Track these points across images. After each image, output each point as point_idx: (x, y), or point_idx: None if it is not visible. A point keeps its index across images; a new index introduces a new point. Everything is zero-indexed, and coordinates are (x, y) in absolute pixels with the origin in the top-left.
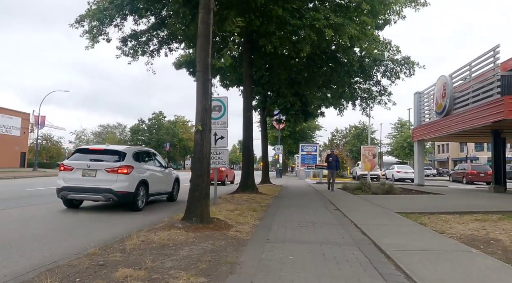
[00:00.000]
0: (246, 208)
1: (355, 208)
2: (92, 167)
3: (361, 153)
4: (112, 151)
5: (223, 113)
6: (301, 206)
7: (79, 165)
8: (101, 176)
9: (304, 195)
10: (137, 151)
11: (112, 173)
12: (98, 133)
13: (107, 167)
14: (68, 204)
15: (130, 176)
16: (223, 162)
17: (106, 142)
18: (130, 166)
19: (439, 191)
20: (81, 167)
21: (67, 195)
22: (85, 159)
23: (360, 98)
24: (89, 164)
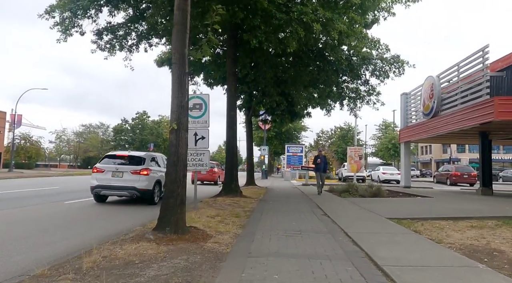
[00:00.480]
0: (229, 214)
1: (343, 213)
2: (119, 169)
3: (348, 154)
4: (134, 156)
5: (204, 112)
6: (287, 211)
7: (109, 167)
8: (127, 177)
9: (290, 197)
10: (153, 156)
11: (135, 174)
12: (80, 133)
13: (131, 169)
14: (99, 199)
15: (149, 176)
16: (204, 164)
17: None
18: (149, 168)
19: (426, 194)
20: (110, 169)
21: (100, 191)
22: (113, 163)
23: (348, 98)
24: (117, 167)
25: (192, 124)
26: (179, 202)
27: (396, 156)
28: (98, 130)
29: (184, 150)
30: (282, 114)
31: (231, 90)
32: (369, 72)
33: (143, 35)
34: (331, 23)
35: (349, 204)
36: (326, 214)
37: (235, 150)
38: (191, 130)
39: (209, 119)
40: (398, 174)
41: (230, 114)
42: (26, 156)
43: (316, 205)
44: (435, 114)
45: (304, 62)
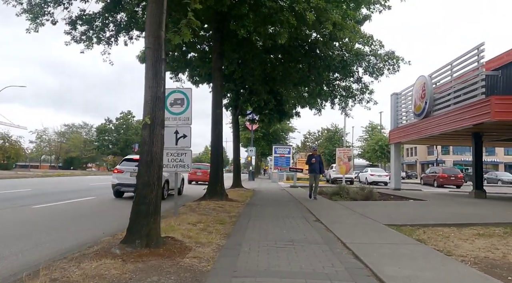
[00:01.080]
0: (212, 220)
1: (337, 218)
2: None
3: (336, 155)
4: None
5: (186, 108)
6: (276, 216)
7: (127, 169)
8: None
9: (278, 201)
10: None
11: None
12: (62, 133)
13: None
14: (118, 195)
15: (164, 176)
16: (185, 165)
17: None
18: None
19: (419, 196)
20: (129, 170)
21: (120, 188)
22: (131, 165)
23: (339, 96)
24: (134, 168)
25: (172, 121)
26: (152, 210)
27: (383, 158)
28: (81, 131)
29: (159, 149)
30: (270, 113)
31: (217, 87)
32: (363, 68)
33: (122, 26)
34: (324, 14)
35: (342, 208)
36: (318, 220)
37: (221, 150)
38: (172, 128)
39: (192, 116)
40: (386, 175)
41: (216, 112)
42: (5, 156)
43: (307, 209)
44: (427, 115)
45: (294, 59)
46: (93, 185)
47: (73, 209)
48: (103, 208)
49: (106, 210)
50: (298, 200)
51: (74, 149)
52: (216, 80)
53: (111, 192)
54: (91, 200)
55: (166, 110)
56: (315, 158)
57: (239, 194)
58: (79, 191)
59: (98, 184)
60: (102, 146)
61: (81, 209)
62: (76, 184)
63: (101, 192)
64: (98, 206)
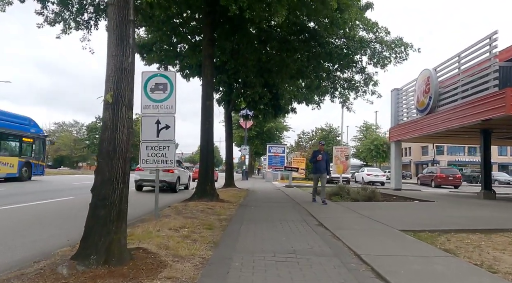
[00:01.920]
0: (199, 224)
1: (343, 223)
2: None
3: (333, 154)
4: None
5: (169, 94)
6: (273, 220)
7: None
8: (161, 174)
9: (274, 202)
10: (177, 159)
11: (165, 171)
12: (53, 132)
13: (163, 168)
14: (139, 188)
15: (174, 173)
16: (168, 161)
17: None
18: (174, 168)
19: (422, 197)
20: (148, 169)
21: (142, 183)
22: None
23: (341, 88)
24: None
25: (153, 110)
26: (114, 215)
27: (378, 157)
28: (72, 129)
29: (125, 136)
30: (265, 109)
31: (207, 76)
32: (367, 57)
33: (101, 7)
34: None
35: (345, 210)
36: (321, 224)
37: (211, 145)
38: (152, 117)
39: (176, 104)
40: (382, 175)
41: (206, 105)
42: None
43: (307, 211)
44: (431, 111)
45: (292, 48)
46: (76, 185)
47: (45, 210)
48: (78, 209)
49: (81, 211)
50: (295, 201)
51: (64, 147)
52: (207, 69)
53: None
54: (69, 200)
55: (146, 97)
56: (322, 154)
57: (232, 194)
58: (59, 190)
59: (81, 183)
60: (92, 144)
61: (54, 211)
62: (58, 183)
63: (81, 192)
64: (73, 207)
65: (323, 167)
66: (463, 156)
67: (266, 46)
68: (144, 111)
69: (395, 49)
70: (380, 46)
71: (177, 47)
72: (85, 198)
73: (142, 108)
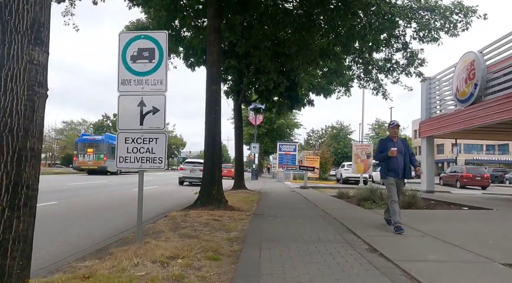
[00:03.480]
0: (200, 249)
1: (404, 246)
2: (194, 168)
3: (353, 152)
4: (199, 162)
5: (157, 65)
6: (302, 239)
7: (188, 167)
8: (197, 172)
9: (294, 208)
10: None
11: (200, 171)
12: (61, 130)
13: (199, 168)
14: (181, 184)
15: None
16: (157, 159)
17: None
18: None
19: (468, 202)
20: (189, 168)
21: (184, 179)
22: (190, 165)
23: (377, 69)
24: (192, 167)
25: (135, 86)
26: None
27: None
28: (80, 128)
29: (37, 121)
30: (280, 100)
31: (213, 54)
32: (413, 30)
33: None
34: None
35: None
36: (375, 250)
37: (218, 140)
38: (134, 96)
39: (167, 79)
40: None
41: (211, 90)
42: None
43: (343, 225)
44: (476, 101)
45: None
46: (70, 185)
47: None
48: (50, 222)
49: (52, 224)
50: (318, 207)
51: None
52: (212, 46)
53: (81, 195)
54: (49, 207)
55: (125, 68)
56: (398, 144)
57: (242, 198)
58: (47, 192)
59: (76, 184)
60: None
61: None
62: (52, 184)
63: (70, 194)
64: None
65: (401, 166)
66: (481, 154)
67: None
68: (122, 89)
69: (450, 17)
70: (430, 15)
71: (180, 31)
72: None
73: (119, 84)
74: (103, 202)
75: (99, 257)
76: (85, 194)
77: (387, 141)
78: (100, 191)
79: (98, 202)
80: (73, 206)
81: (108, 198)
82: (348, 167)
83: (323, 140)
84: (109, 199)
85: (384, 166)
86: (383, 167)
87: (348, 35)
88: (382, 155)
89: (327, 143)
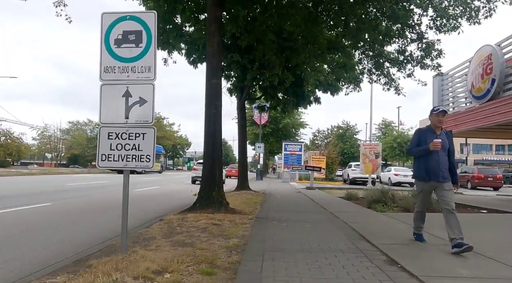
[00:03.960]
0: (194, 261)
1: (426, 258)
2: None
3: (361, 151)
4: None
5: (145, 49)
6: (310, 248)
7: (200, 167)
8: None
9: (301, 210)
10: None
11: None
12: (67, 131)
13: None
14: (194, 182)
15: None
16: (144, 156)
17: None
18: None
19: (484, 204)
20: (201, 168)
21: (197, 179)
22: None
23: (389, 63)
24: None
25: (120, 74)
26: None
27: (401, 156)
28: (86, 128)
29: None
30: (285, 97)
31: (213, 46)
32: (430, 19)
33: None
34: None
35: (409, 229)
36: (395, 262)
37: (219, 137)
38: (118, 86)
39: (156, 66)
40: (412, 175)
41: (211, 83)
42: (6, 153)
43: (354, 230)
44: (493, 97)
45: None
46: (70, 186)
47: None
48: (36, 226)
49: (37, 228)
50: (326, 209)
51: (77, 146)
52: (213, 36)
53: (78, 196)
54: (41, 208)
55: (108, 54)
56: (442, 137)
57: (245, 199)
58: (44, 193)
59: (76, 184)
60: None
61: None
62: (50, 184)
63: (68, 195)
64: (36, 220)
65: (444, 162)
66: (490, 154)
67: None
68: (104, 77)
69: (471, 3)
70: (448, 0)
71: (181, 27)
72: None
73: (101, 72)
74: (98, 204)
75: (75, 271)
76: (83, 194)
77: (427, 132)
78: (100, 191)
79: (94, 203)
80: (67, 208)
81: (105, 199)
82: (355, 167)
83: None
84: (105, 200)
85: (420, 164)
86: (418, 165)
87: (359, 26)
88: (420, 148)
89: (333, 142)
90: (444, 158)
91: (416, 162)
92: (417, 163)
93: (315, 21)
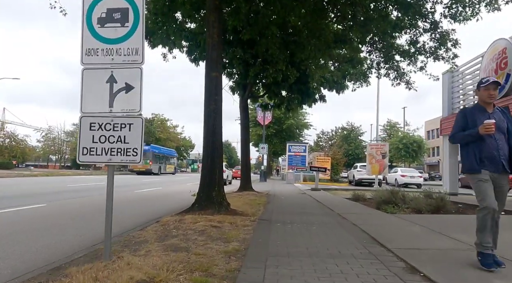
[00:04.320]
0: (187, 268)
1: (452, 267)
2: None
3: (367, 152)
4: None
5: (132, 29)
6: (318, 254)
7: None
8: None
9: (306, 212)
10: (225, 164)
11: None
12: (71, 133)
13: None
14: None
15: (225, 173)
16: (131, 150)
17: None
18: (225, 170)
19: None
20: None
21: None
22: None
23: (400, 55)
24: None
25: (104, 57)
26: None
27: (407, 157)
28: None
29: None
30: (289, 95)
31: (213, 37)
32: (445, 6)
33: None
34: None
35: (425, 232)
36: (416, 270)
37: (219, 135)
38: (102, 70)
39: (144, 48)
40: (419, 176)
41: (210, 77)
42: (11, 155)
43: (365, 233)
44: (509, 92)
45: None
46: (70, 187)
47: None
48: (22, 228)
49: (24, 231)
50: (333, 211)
51: None
52: (212, 27)
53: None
54: (33, 210)
55: (91, 34)
56: (496, 115)
57: (248, 200)
58: (42, 194)
59: (77, 185)
60: None
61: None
62: (52, 185)
63: (66, 196)
64: (24, 222)
65: (504, 151)
66: None
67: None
68: (86, 61)
69: None
70: None
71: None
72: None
73: (83, 55)
74: (94, 205)
75: (52, 280)
76: (82, 195)
77: (475, 111)
78: (100, 192)
79: (90, 205)
80: (61, 209)
81: (102, 201)
82: (361, 168)
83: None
84: (102, 202)
85: (471, 152)
86: (468, 154)
87: (368, 15)
88: (467, 133)
89: (338, 143)
90: (502, 142)
91: (464, 151)
92: (466, 151)
93: (321, 13)
